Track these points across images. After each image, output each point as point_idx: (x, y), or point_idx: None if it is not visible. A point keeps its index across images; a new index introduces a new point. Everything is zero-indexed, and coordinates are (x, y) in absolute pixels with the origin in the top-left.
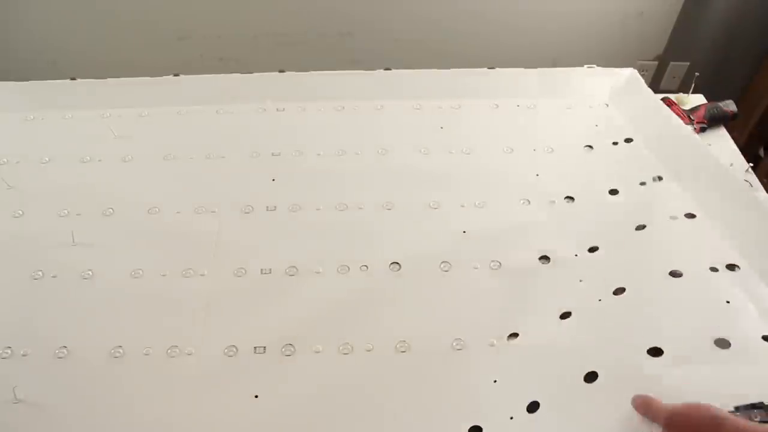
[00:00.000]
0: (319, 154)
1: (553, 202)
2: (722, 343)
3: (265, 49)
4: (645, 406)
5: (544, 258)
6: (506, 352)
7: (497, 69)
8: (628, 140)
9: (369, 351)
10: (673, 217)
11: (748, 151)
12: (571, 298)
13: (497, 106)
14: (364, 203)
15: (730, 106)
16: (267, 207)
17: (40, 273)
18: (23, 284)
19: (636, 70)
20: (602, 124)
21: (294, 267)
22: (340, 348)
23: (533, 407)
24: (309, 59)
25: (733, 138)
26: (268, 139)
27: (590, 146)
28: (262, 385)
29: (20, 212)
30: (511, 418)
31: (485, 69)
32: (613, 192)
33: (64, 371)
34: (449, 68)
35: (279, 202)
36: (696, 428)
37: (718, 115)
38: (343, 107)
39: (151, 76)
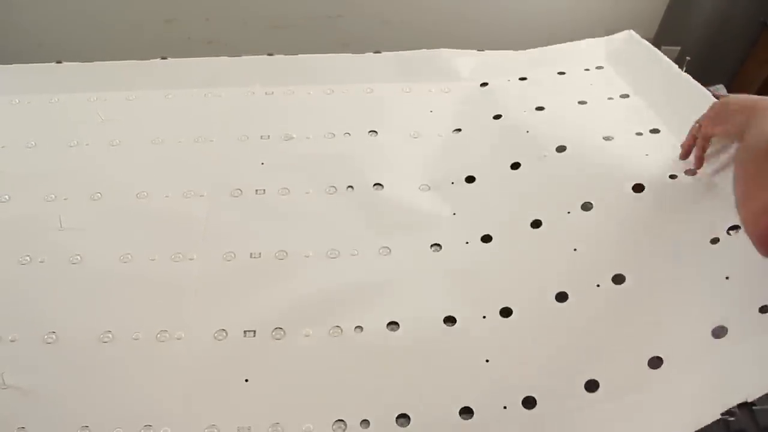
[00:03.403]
0: (308, 138)
1: (545, 156)
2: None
3: (254, 32)
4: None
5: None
6: (500, 329)
7: (486, 51)
8: (624, 96)
9: (359, 334)
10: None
11: None
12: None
13: (487, 86)
14: (354, 187)
15: (720, 90)
16: (256, 190)
17: (27, 258)
18: (11, 269)
19: (632, 31)
20: (598, 84)
21: (284, 251)
22: (330, 332)
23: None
24: (298, 42)
25: None
26: (256, 123)
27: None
28: (252, 368)
29: (6, 197)
30: (504, 408)
31: (474, 51)
32: (608, 138)
33: (52, 356)
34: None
35: (268, 185)
36: (731, 107)
37: None
38: (333, 90)
39: (139, 59)
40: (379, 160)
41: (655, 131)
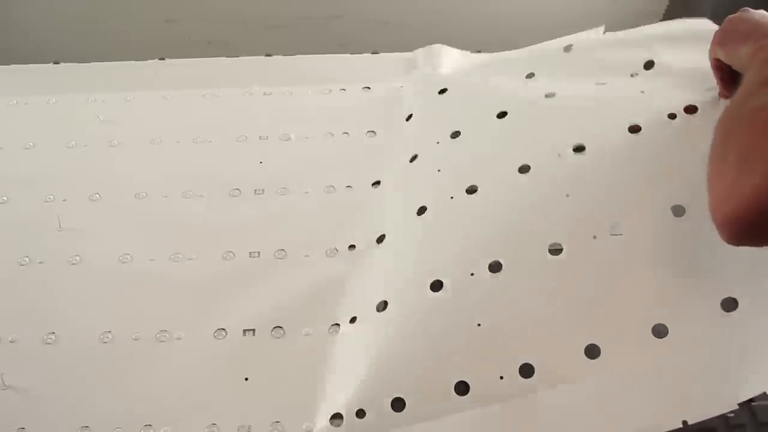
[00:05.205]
0: (306, 138)
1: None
2: None
3: (254, 32)
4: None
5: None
6: (490, 287)
7: (483, 53)
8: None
9: (358, 331)
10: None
11: None
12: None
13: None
14: (353, 184)
15: None
16: (255, 190)
17: (26, 259)
18: (10, 270)
19: None
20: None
21: (283, 250)
22: (330, 330)
23: None
24: (298, 43)
25: None
26: (255, 123)
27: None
28: (252, 367)
29: (5, 198)
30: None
31: (469, 52)
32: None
33: (52, 357)
34: None
35: (267, 185)
36: (739, 27)
37: None
38: (331, 90)
39: (138, 60)
40: (377, 159)
41: (649, 65)
